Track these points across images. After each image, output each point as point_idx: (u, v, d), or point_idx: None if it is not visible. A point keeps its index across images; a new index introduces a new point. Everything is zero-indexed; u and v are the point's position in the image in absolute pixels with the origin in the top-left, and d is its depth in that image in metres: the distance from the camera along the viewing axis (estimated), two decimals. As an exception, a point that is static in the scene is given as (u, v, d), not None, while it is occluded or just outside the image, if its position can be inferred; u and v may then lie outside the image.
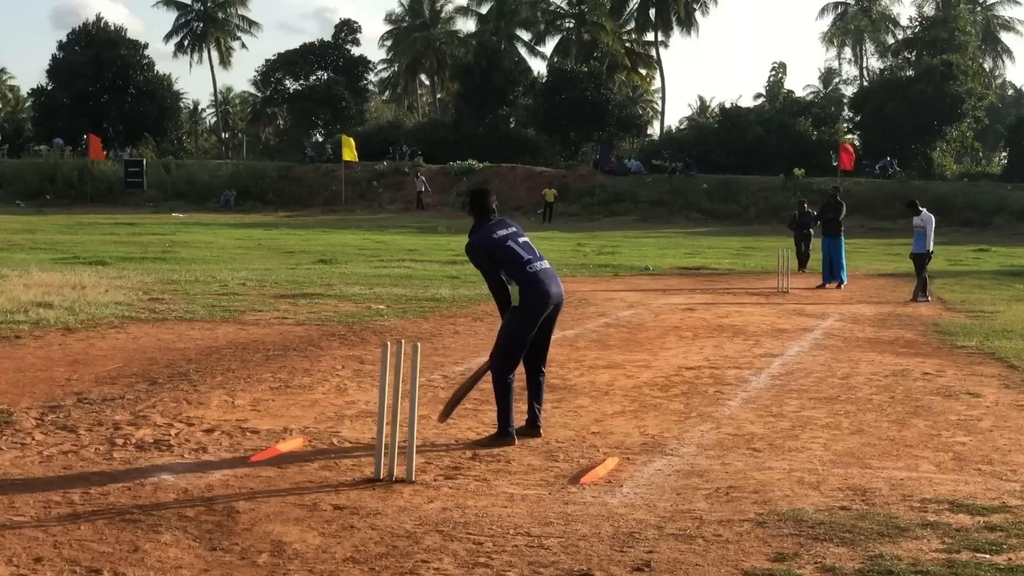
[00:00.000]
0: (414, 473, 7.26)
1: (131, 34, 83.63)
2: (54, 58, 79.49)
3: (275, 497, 6.84)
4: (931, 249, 20.92)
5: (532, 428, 8.76)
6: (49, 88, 79.19)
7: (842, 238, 24.07)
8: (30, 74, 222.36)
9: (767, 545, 6.04)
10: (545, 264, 8.70)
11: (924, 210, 21.26)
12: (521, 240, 8.72)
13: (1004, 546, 6.03)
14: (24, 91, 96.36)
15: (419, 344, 7.55)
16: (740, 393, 10.81)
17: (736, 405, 10.20)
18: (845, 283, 23.69)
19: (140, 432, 8.49)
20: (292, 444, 8.20)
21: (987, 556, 5.86)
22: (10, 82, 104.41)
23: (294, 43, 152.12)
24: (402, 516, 6.48)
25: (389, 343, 7.46)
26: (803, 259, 27.62)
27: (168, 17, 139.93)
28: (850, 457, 8.16)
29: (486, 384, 10.20)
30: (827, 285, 23.69)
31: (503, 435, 8.49)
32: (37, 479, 7.12)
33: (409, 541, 6.03)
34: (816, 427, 9.22)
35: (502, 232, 8.68)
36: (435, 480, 7.33)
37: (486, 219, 8.83)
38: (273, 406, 9.70)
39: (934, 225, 21.28)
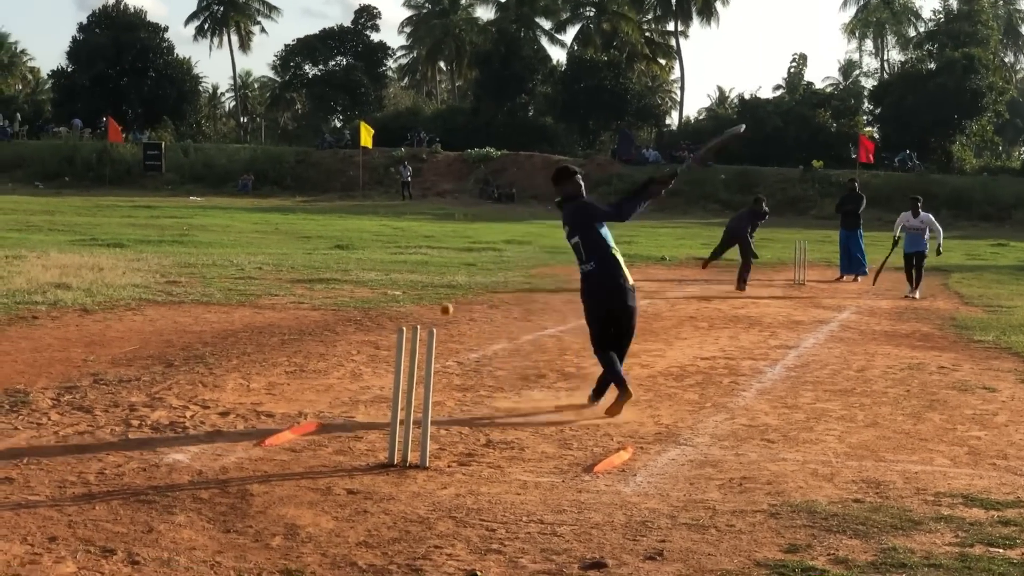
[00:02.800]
0: (428, 459, 7.27)
1: (152, 16, 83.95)
2: (74, 40, 79.67)
3: (289, 481, 6.85)
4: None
5: (596, 396, 9.46)
6: (69, 70, 79.34)
7: (860, 230, 23.98)
8: (51, 56, 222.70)
9: (780, 536, 6.03)
10: (591, 266, 9.38)
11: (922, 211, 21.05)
12: (572, 241, 9.45)
13: (1018, 540, 6.01)
14: (44, 72, 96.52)
15: (435, 330, 7.55)
16: (755, 384, 10.80)
17: (751, 396, 10.18)
18: (865, 276, 23.61)
19: (156, 414, 8.52)
20: (306, 428, 8.21)
21: (1000, 551, 5.85)
22: (30, 63, 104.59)
23: (314, 28, 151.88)
24: (415, 501, 6.49)
25: (405, 328, 7.46)
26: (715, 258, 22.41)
27: (189, 0, 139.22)
28: (864, 450, 8.14)
29: (499, 372, 10.24)
30: (844, 278, 23.64)
31: (622, 391, 9.13)
32: (53, 459, 7.15)
33: (422, 526, 6.04)
34: (831, 419, 9.20)
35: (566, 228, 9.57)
36: (449, 466, 7.34)
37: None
38: (288, 390, 9.72)
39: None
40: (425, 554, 5.61)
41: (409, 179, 61.16)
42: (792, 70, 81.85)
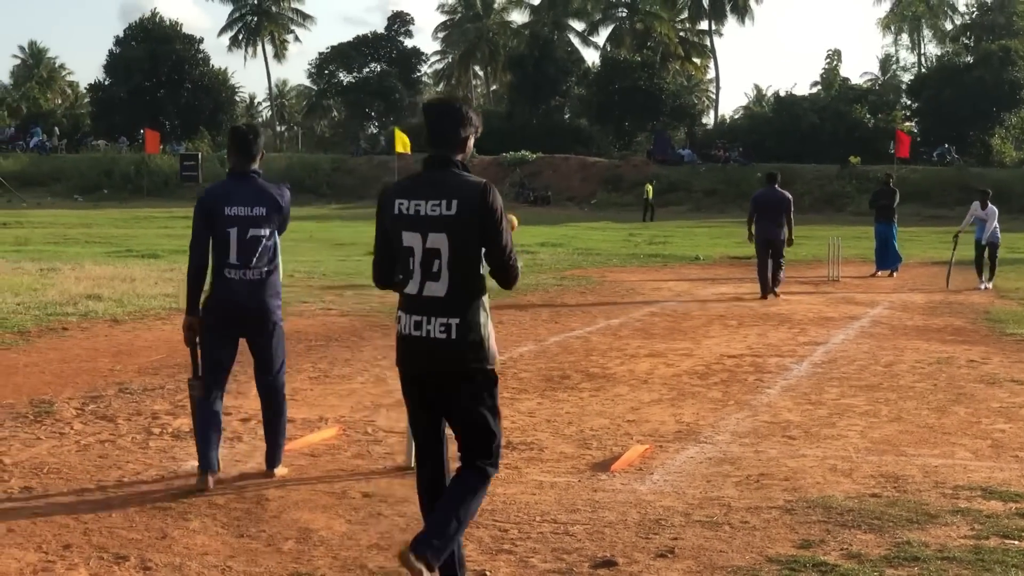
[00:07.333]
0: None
1: (188, 28, 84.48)
2: (111, 54, 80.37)
3: (305, 485, 6.88)
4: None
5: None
6: (107, 83, 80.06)
7: (895, 225, 23.81)
8: (89, 69, 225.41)
9: (794, 532, 6.00)
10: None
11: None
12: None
13: (1035, 533, 5.96)
14: (83, 87, 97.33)
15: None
16: (780, 381, 10.74)
17: (775, 393, 10.13)
18: (898, 270, 23.48)
19: (177, 421, 8.57)
20: (325, 433, 8.24)
21: (1015, 542, 5.79)
22: (69, 78, 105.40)
23: (351, 35, 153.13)
24: (430, 503, 6.49)
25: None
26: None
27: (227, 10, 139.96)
28: (886, 444, 8.09)
29: (523, 373, 10.19)
30: (879, 273, 23.49)
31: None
32: (72, 468, 7.20)
33: (434, 528, 6.04)
34: (854, 415, 9.15)
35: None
36: (466, 468, 7.33)
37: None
38: (311, 396, 9.77)
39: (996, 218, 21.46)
40: (435, 555, 5.61)
41: None
42: (827, 66, 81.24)
